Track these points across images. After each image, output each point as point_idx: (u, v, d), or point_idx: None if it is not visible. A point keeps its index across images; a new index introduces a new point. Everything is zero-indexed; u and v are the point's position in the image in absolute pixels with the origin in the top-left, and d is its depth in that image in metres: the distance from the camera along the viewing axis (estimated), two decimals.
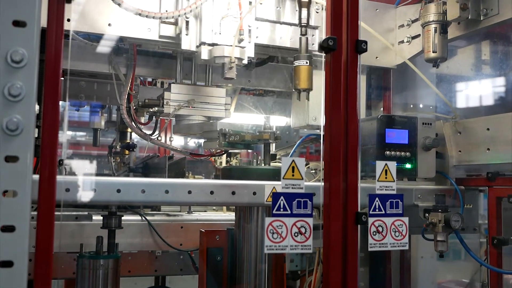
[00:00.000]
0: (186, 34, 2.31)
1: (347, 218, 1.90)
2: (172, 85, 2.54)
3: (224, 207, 2.90)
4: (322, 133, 2.01)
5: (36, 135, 1.78)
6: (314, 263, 2.81)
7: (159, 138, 2.65)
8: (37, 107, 1.76)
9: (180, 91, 2.53)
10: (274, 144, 3.84)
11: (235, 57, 2.26)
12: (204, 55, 2.29)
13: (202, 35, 2.29)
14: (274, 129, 3.71)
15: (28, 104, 1.56)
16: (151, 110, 2.52)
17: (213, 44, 2.30)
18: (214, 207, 3.14)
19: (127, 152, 3.18)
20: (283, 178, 1.78)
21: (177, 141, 4.40)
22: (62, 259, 2.46)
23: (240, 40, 2.29)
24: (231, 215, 2.76)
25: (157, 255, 3.00)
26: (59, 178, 1.76)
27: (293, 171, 1.79)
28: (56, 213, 1.72)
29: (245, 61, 2.35)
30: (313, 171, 2.81)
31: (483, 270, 3.18)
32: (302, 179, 1.81)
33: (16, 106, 1.54)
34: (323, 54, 1.92)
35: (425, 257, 3.11)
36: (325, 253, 1.90)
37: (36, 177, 1.67)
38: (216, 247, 2.28)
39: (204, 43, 2.30)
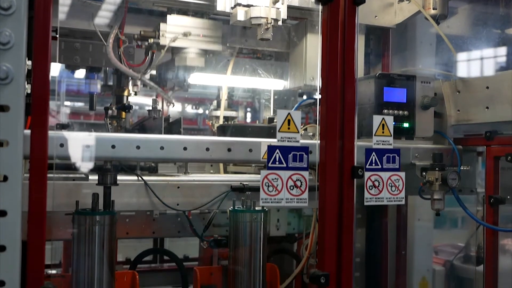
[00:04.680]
0: None
1: (343, 173, 1.89)
2: (168, 16, 2.53)
3: (221, 169, 2.89)
4: (318, 94, 1.99)
5: (29, 91, 1.76)
6: (311, 225, 2.81)
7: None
8: (29, 62, 1.74)
9: (176, 22, 2.52)
10: (272, 109, 3.83)
11: (271, 18, 2.27)
12: (240, 16, 2.31)
13: None
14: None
15: (18, 52, 1.54)
16: (147, 43, 2.52)
17: (248, 5, 2.31)
18: (212, 170, 3.13)
19: (123, 115, 3.15)
20: (278, 131, 1.77)
21: (174, 106, 4.38)
22: (60, 220, 2.46)
23: (275, 1, 2.30)
24: (227, 177, 2.75)
25: (155, 217, 3.00)
26: (52, 133, 1.75)
27: (288, 124, 1.78)
28: (50, 175, 1.71)
29: (280, 23, 2.36)
30: (311, 134, 2.79)
31: (479, 233, 3.20)
32: (298, 132, 1.79)
33: (6, 54, 1.52)
34: (320, 7, 1.88)
35: (421, 219, 3.11)
36: (321, 209, 1.89)
37: (28, 132, 1.65)
38: (210, 284, 2.31)
39: (239, 4, 2.31)
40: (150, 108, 3.23)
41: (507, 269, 2.52)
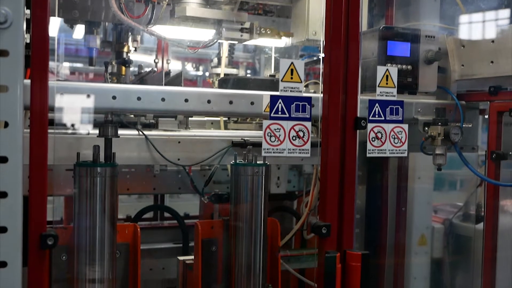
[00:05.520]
0: None
1: (345, 125, 1.88)
2: None
3: (222, 124, 2.88)
4: (321, 53, 1.96)
5: (28, 41, 1.72)
6: (311, 183, 2.82)
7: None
8: (27, 11, 1.70)
9: None
10: (273, 67, 3.79)
11: None
12: None
13: None
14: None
15: None
16: None
17: None
18: (212, 128, 3.12)
19: (123, 71, 3.12)
20: (281, 81, 1.74)
21: (174, 65, 4.34)
22: (60, 176, 2.46)
23: None
24: (229, 132, 2.74)
25: (155, 173, 3.00)
26: (52, 82, 1.72)
27: (291, 73, 1.75)
28: (51, 130, 1.69)
29: None
30: (313, 91, 2.76)
31: (479, 192, 3.22)
32: (301, 82, 1.77)
33: None
34: None
35: (422, 178, 3.12)
36: (323, 160, 1.89)
37: (28, 81, 1.63)
38: (211, 237, 2.29)
39: None
40: (137, 72, 3.20)
41: (506, 227, 2.54)
